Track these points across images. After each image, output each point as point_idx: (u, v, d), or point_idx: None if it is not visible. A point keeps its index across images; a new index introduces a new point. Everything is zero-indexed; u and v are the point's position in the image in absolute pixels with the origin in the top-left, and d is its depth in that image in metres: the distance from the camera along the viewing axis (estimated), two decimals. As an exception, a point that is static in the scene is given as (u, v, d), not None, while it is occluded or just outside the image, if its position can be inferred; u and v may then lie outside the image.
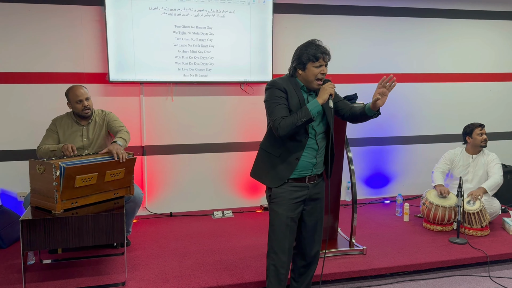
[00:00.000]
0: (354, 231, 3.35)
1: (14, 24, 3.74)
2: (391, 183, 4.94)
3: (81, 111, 3.20)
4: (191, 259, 3.22)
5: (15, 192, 3.91)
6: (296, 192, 2.34)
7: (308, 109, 2.18)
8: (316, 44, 2.26)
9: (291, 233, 2.36)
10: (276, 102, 2.26)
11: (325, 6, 4.44)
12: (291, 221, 2.35)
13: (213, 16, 4.08)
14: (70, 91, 3.20)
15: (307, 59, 2.24)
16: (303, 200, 2.38)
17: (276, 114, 2.24)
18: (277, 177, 2.34)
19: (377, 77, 4.70)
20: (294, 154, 2.30)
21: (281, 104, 2.26)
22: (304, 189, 2.36)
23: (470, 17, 4.86)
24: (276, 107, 2.25)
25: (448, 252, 3.33)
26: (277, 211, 2.34)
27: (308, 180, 2.37)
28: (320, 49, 2.23)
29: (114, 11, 3.84)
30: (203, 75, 4.14)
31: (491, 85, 5.09)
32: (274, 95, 2.27)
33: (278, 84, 2.28)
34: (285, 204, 2.33)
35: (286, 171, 2.32)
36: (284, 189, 2.33)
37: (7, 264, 3.11)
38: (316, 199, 2.44)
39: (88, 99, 3.23)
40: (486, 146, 4.00)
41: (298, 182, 2.35)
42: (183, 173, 4.32)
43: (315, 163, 2.36)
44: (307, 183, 2.37)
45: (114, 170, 2.87)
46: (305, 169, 2.34)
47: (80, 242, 2.61)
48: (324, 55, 2.24)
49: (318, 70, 2.25)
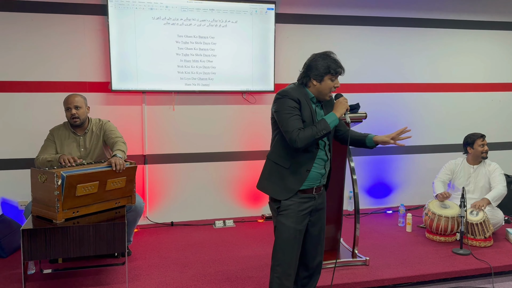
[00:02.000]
0: (356, 241, 3.33)
1: (17, 33, 3.75)
2: (393, 193, 4.92)
3: (68, 119, 3.19)
4: (192, 269, 3.19)
5: (16, 201, 3.89)
6: (304, 204, 2.32)
7: (327, 122, 2.21)
8: (333, 57, 2.27)
9: (298, 245, 2.34)
10: (291, 113, 2.22)
11: (328, 16, 4.46)
12: (299, 234, 2.32)
13: (216, 26, 4.10)
14: (64, 99, 3.21)
15: (326, 72, 2.24)
16: (310, 211, 2.36)
17: (292, 126, 2.20)
18: (287, 189, 2.30)
19: (379, 87, 4.72)
20: (304, 166, 2.29)
21: (296, 115, 2.22)
22: (311, 200, 2.35)
23: (471, 27, 4.88)
24: (290, 118, 2.21)
25: (452, 263, 3.31)
26: (285, 223, 2.31)
27: (315, 190, 2.36)
28: (338, 64, 2.26)
29: (117, 21, 3.86)
30: (205, 84, 4.15)
31: (492, 95, 5.09)
32: (287, 105, 2.23)
33: (291, 94, 2.25)
34: (294, 216, 2.30)
35: (296, 183, 2.29)
36: (293, 201, 2.30)
37: (7, 273, 3.08)
38: (320, 209, 2.43)
39: (78, 108, 3.16)
40: (487, 157, 3.99)
41: (306, 193, 2.33)
42: (184, 182, 4.31)
43: (323, 173, 2.36)
44: (314, 193, 2.36)
45: (115, 179, 2.86)
46: (314, 180, 2.33)
47: (81, 252, 2.60)
48: (341, 69, 2.27)
49: (333, 84, 2.27)
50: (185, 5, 4.00)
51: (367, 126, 4.48)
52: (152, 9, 3.93)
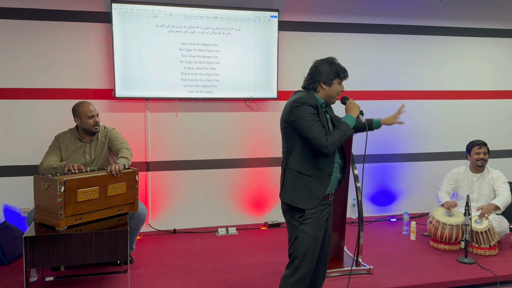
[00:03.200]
0: (360, 249, 3.30)
1: (22, 40, 3.78)
2: (397, 200, 4.90)
3: (91, 126, 3.21)
4: (195, 277, 3.17)
5: (19, 207, 3.89)
6: (323, 211, 2.35)
7: (348, 123, 2.27)
8: (338, 63, 2.37)
9: (316, 254, 2.35)
10: (313, 119, 2.23)
11: (331, 24, 4.47)
12: (319, 242, 2.34)
13: (219, 33, 4.11)
14: (81, 107, 3.20)
15: (335, 75, 2.32)
16: (326, 218, 2.39)
17: (319, 132, 2.21)
18: (313, 197, 2.29)
19: (382, 94, 4.71)
20: (326, 171, 2.30)
21: (318, 121, 2.25)
22: (328, 206, 2.39)
23: (474, 35, 4.88)
24: (314, 124, 2.22)
25: (456, 272, 3.27)
26: (309, 232, 2.28)
27: (331, 196, 2.39)
28: (344, 68, 2.36)
29: (121, 28, 3.88)
30: (208, 92, 4.15)
31: (496, 102, 5.07)
32: (308, 112, 2.24)
33: (309, 101, 2.26)
34: (316, 224, 2.30)
35: (320, 190, 2.30)
36: (316, 209, 2.30)
37: (9, 281, 3.07)
38: (330, 215, 2.45)
39: (98, 115, 3.25)
40: (483, 166, 3.95)
41: (324, 199, 2.33)
42: (187, 189, 4.30)
43: (339, 177, 2.40)
44: (329, 199, 2.39)
45: (116, 184, 2.86)
46: (333, 184, 2.37)
47: (83, 260, 2.58)
48: (347, 74, 2.37)
49: (340, 87, 2.35)
50: (188, 13, 4.02)
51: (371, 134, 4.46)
52: (156, 17, 3.95)
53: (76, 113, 3.23)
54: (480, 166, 3.95)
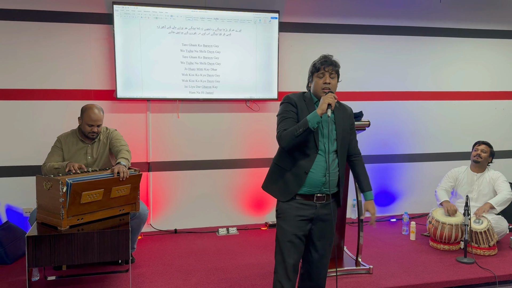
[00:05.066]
0: (360, 249, 3.32)
1: (24, 42, 3.80)
2: (397, 201, 4.91)
3: (87, 132, 3.23)
4: (196, 277, 3.20)
5: (21, 208, 3.92)
6: (302, 210, 2.31)
7: (307, 119, 2.18)
8: (323, 56, 2.32)
9: (295, 250, 2.32)
10: (284, 116, 2.31)
11: (331, 25, 4.49)
12: (295, 238, 2.31)
13: (220, 34, 4.14)
14: (86, 111, 3.22)
15: (312, 71, 2.33)
16: (310, 218, 2.33)
17: (280, 127, 2.29)
18: (286, 191, 2.32)
19: (382, 95, 4.73)
20: (303, 168, 2.27)
21: (289, 118, 2.29)
22: (311, 208, 2.31)
23: (475, 36, 4.90)
24: (283, 120, 2.30)
25: (456, 272, 3.29)
26: (283, 227, 2.33)
27: (317, 199, 2.32)
28: (321, 59, 2.29)
29: (122, 30, 3.91)
30: (209, 93, 4.17)
31: (496, 103, 5.09)
32: (284, 109, 2.33)
33: (291, 98, 2.34)
34: (291, 220, 2.30)
35: (294, 185, 2.29)
36: (290, 205, 2.31)
37: (12, 280, 3.10)
38: (324, 220, 2.36)
39: (99, 126, 3.25)
40: (478, 162, 3.97)
41: (306, 199, 2.31)
42: (188, 189, 4.32)
43: (324, 181, 2.29)
44: (315, 202, 2.32)
45: (120, 186, 2.88)
46: (314, 186, 2.29)
47: (85, 259, 2.61)
48: (325, 65, 2.27)
49: (321, 80, 2.29)
50: (189, 14, 4.04)
51: (372, 134, 4.50)
52: (157, 18, 3.98)
53: (81, 114, 3.26)
54: (476, 162, 3.97)
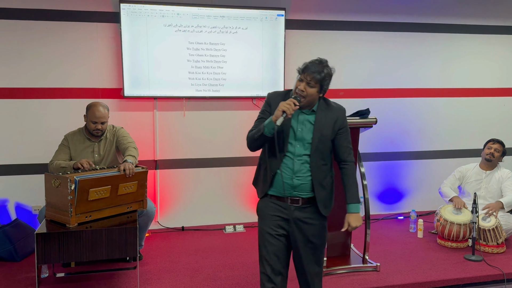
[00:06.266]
0: (367, 247, 3.32)
1: (32, 41, 3.83)
2: (404, 198, 4.89)
3: (92, 130, 3.25)
4: (203, 274, 3.21)
5: (30, 205, 3.95)
6: (276, 210, 2.26)
7: (264, 124, 2.16)
8: (316, 60, 2.20)
9: (272, 249, 2.25)
10: (259, 116, 2.31)
11: (337, 22, 4.48)
12: (271, 238, 2.25)
13: (226, 32, 4.14)
14: (91, 109, 3.24)
15: (298, 70, 2.24)
16: (286, 220, 2.25)
17: (252, 127, 2.29)
18: (261, 188, 2.33)
19: (389, 92, 4.70)
20: (271, 169, 2.25)
21: (261, 118, 2.29)
22: (285, 209, 2.25)
23: (483, 32, 4.85)
24: (256, 120, 2.31)
25: (464, 270, 3.28)
26: (260, 225, 2.32)
27: (291, 201, 2.24)
28: (310, 64, 2.17)
29: (129, 28, 3.92)
30: (215, 90, 4.18)
31: (504, 100, 5.04)
32: (262, 108, 2.33)
33: (269, 97, 2.33)
34: (266, 219, 2.28)
35: (265, 185, 2.29)
36: (267, 204, 2.29)
37: (21, 277, 3.13)
38: (303, 222, 2.25)
39: (104, 123, 3.26)
40: (490, 161, 3.94)
41: (280, 200, 2.26)
42: (195, 187, 4.33)
43: (292, 185, 2.21)
44: (289, 204, 2.24)
45: (127, 183, 2.90)
46: (282, 188, 2.22)
47: (93, 256, 2.63)
48: (306, 71, 2.16)
49: (297, 84, 2.20)
50: (196, 12, 4.05)
51: (379, 132, 4.48)
52: (163, 17, 3.99)
53: (86, 111, 3.28)
54: (488, 160, 3.94)
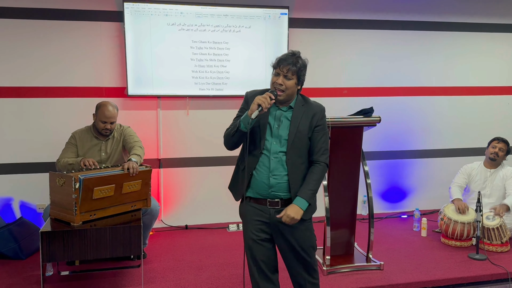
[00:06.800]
0: (371, 246, 3.32)
1: (35, 40, 3.84)
2: (408, 197, 4.88)
3: (101, 129, 3.26)
4: (207, 272, 3.22)
5: (35, 204, 3.97)
6: (257, 214, 2.21)
7: (240, 119, 2.12)
8: (289, 53, 2.15)
9: (257, 253, 2.22)
10: (237, 114, 2.27)
11: (341, 20, 4.47)
12: (253, 242, 2.21)
13: (230, 31, 4.14)
14: (100, 108, 3.25)
15: (272, 65, 2.18)
16: (267, 223, 2.21)
17: (229, 126, 2.25)
18: (238, 190, 2.27)
19: (393, 91, 4.69)
20: (249, 169, 2.18)
21: (238, 116, 2.25)
22: (265, 213, 2.20)
23: (488, 30, 4.83)
24: (233, 119, 2.27)
25: (468, 268, 3.27)
26: (244, 229, 2.28)
27: (270, 204, 2.18)
28: (284, 57, 2.12)
29: (132, 27, 3.93)
30: (219, 89, 4.18)
31: (508, 98, 5.02)
32: (241, 107, 2.29)
33: (247, 95, 2.28)
34: (248, 223, 2.23)
35: (242, 186, 2.22)
36: (247, 208, 2.23)
37: (26, 275, 3.15)
38: (287, 225, 2.17)
39: (113, 123, 3.27)
40: (495, 160, 3.93)
41: (259, 204, 2.20)
42: (198, 185, 4.34)
43: (268, 183, 2.15)
44: (268, 207, 2.19)
45: (131, 182, 2.90)
46: (260, 189, 2.17)
47: (97, 254, 2.64)
48: (282, 65, 2.10)
49: (274, 79, 2.15)
50: (199, 11, 4.05)
51: (382, 130, 4.47)
52: (167, 15, 3.99)
53: (96, 111, 3.29)
54: (492, 159, 3.93)
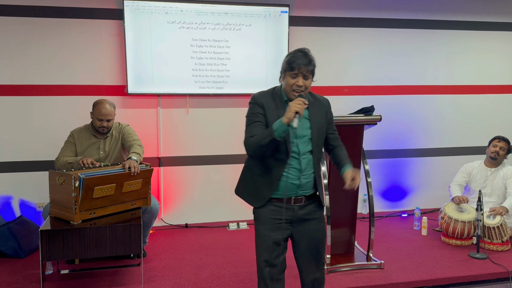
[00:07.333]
0: (371, 244, 3.31)
1: (35, 38, 3.83)
2: (408, 196, 4.88)
3: (97, 127, 3.25)
4: (207, 271, 3.21)
5: (34, 202, 3.96)
6: (278, 213, 2.17)
7: (273, 128, 2.00)
8: (299, 52, 2.11)
9: (274, 255, 2.18)
10: (251, 119, 2.16)
11: (341, 18, 4.45)
12: (273, 243, 2.18)
13: (230, 29, 4.13)
14: (97, 106, 3.24)
15: (285, 67, 2.11)
16: (290, 222, 2.20)
17: (247, 132, 2.15)
18: (259, 197, 2.19)
19: (394, 89, 4.69)
20: (274, 174, 2.14)
21: (256, 121, 2.14)
22: (289, 211, 2.18)
23: (489, 29, 4.82)
24: (249, 125, 2.16)
25: (468, 267, 3.26)
26: (260, 231, 2.21)
27: (294, 201, 2.18)
28: (297, 58, 2.07)
29: (132, 25, 3.92)
30: (219, 87, 4.17)
31: (510, 97, 5.01)
32: (251, 111, 2.17)
33: (257, 98, 2.17)
34: (267, 223, 2.18)
35: (267, 191, 2.17)
36: (266, 208, 2.19)
37: (26, 273, 3.14)
38: (305, 220, 2.22)
39: (109, 121, 3.26)
40: (495, 159, 3.92)
41: (281, 202, 2.17)
42: (198, 184, 4.33)
43: (299, 184, 2.16)
44: (292, 204, 2.18)
45: (132, 181, 2.90)
46: (290, 190, 2.16)
47: (97, 253, 2.64)
48: (300, 66, 2.06)
49: (293, 81, 2.09)
50: (199, 9, 4.04)
51: (383, 129, 4.46)
52: (167, 13, 3.98)
53: (92, 108, 3.28)
54: (493, 159, 3.92)
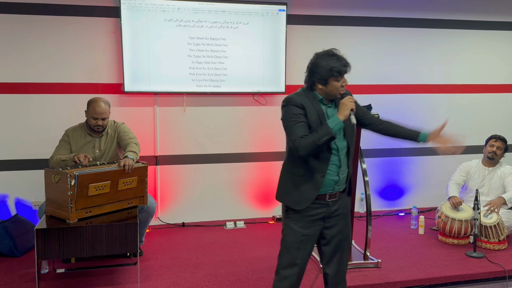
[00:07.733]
0: (368, 243, 3.31)
1: (31, 35, 3.81)
2: (405, 195, 4.88)
3: (93, 126, 3.24)
4: (204, 270, 3.20)
5: (30, 201, 3.94)
6: (314, 210, 2.20)
7: (330, 126, 2.06)
8: (337, 56, 2.15)
9: (304, 251, 2.23)
10: (294, 120, 2.13)
11: (339, 17, 4.45)
12: (306, 239, 2.22)
13: (227, 27, 4.11)
14: (91, 104, 3.22)
15: (329, 75, 2.12)
16: (322, 217, 2.24)
17: (295, 134, 2.11)
18: (303, 198, 2.19)
19: (392, 88, 4.68)
20: (319, 172, 2.16)
21: (300, 122, 2.12)
22: (323, 206, 2.22)
23: (486, 28, 4.82)
24: (294, 125, 2.12)
25: (465, 266, 3.27)
26: (292, 227, 2.22)
27: (329, 197, 2.23)
28: (343, 62, 2.14)
29: (129, 23, 3.90)
30: (216, 86, 4.16)
31: (506, 96, 5.02)
32: (291, 112, 2.15)
33: (294, 100, 2.16)
34: (302, 221, 2.21)
35: (311, 191, 2.18)
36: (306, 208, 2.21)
37: (21, 272, 3.13)
38: (336, 215, 2.27)
39: (104, 119, 3.24)
40: (493, 159, 3.92)
41: (318, 199, 2.20)
42: (195, 183, 4.32)
43: (337, 180, 2.21)
44: (327, 200, 2.22)
45: (127, 179, 2.88)
46: (327, 186, 2.20)
47: (93, 252, 2.63)
48: (347, 68, 2.16)
49: (340, 84, 2.15)
50: (196, 7, 4.02)
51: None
52: (164, 11, 3.96)
53: (87, 107, 3.26)
54: (490, 158, 3.93)
